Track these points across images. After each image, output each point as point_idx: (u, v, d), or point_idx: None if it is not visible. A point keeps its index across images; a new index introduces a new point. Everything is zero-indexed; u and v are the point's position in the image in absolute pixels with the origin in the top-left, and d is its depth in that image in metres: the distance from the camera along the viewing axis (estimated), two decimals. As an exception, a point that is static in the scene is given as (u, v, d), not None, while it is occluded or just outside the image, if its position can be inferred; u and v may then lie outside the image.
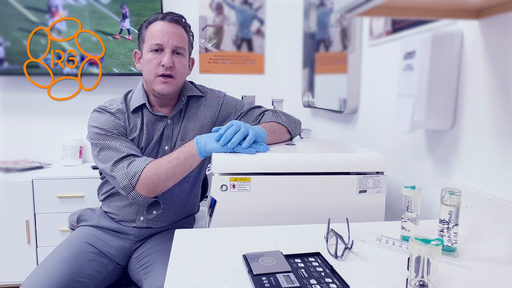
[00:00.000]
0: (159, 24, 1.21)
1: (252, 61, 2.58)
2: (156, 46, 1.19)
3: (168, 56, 1.19)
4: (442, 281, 0.62)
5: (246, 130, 1.05)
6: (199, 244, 0.77)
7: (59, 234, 2.10)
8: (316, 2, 1.91)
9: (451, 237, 0.72)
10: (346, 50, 1.49)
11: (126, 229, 1.28)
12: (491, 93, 0.79)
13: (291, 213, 0.98)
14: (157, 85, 1.21)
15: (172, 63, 1.20)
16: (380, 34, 1.26)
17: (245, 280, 0.62)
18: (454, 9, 0.80)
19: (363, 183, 0.99)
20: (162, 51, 1.20)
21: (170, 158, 1.13)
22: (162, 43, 1.19)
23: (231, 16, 2.52)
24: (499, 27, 0.77)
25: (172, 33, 1.21)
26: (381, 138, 1.27)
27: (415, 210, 0.77)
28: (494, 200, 0.76)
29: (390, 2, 0.71)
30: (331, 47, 1.69)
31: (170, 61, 1.19)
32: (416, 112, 0.89)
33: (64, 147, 2.36)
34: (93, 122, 1.22)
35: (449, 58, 0.87)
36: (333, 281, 0.61)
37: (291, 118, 1.34)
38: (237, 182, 0.96)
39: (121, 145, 1.18)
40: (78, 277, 1.10)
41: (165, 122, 1.28)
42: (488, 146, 0.81)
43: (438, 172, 0.98)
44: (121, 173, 1.13)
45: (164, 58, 1.19)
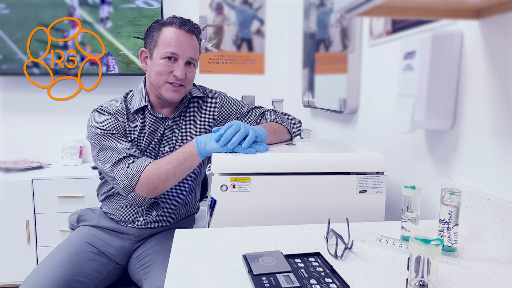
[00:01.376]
0: (176, 32, 1.19)
1: (252, 61, 2.58)
2: (171, 54, 1.19)
3: (182, 69, 1.19)
4: (442, 281, 0.62)
5: (246, 130, 1.05)
6: (199, 244, 0.77)
7: (59, 234, 2.10)
8: (316, 2, 1.91)
9: (451, 237, 0.72)
10: (346, 50, 1.49)
11: (126, 229, 1.28)
12: (491, 93, 0.79)
13: (291, 213, 0.98)
14: (166, 92, 1.21)
15: (184, 75, 1.20)
16: (380, 34, 1.26)
17: (245, 280, 0.62)
18: (454, 9, 0.80)
19: (363, 183, 0.99)
20: (176, 61, 1.20)
21: (170, 159, 1.13)
22: (178, 53, 1.19)
23: (231, 16, 2.52)
24: (499, 27, 0.77)
25: (188, 44, 1.20)
26: (381, 138, 1.27)
27: (415, 210, 0.77)
28: (494, 200, 0.76)
29: (390, 2, 0.71)
30: (331, 47, 1.69)
31: (183, 73, 1.19)
32: (416, 112, 0.89)
33: (64, 147, 2.36)
34: (92, 123, 1.22)
35: (449, 58, 0.87)
36: (333, 281, 0.61)
37: (292, 118, 1.34)
38: (237, 182, 0.96)
39: (121, 146, 1.18)
40: (78, 276, 1.10)
41: (165, 123, 1.27)
42: (488, 146, 0.81)
43: (438, 172, 0.98)
44: (121, 174, 1.13)
45: (178, 70, 1.19)
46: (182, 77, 1.19)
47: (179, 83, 1.20)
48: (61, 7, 2.22)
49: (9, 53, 2.21)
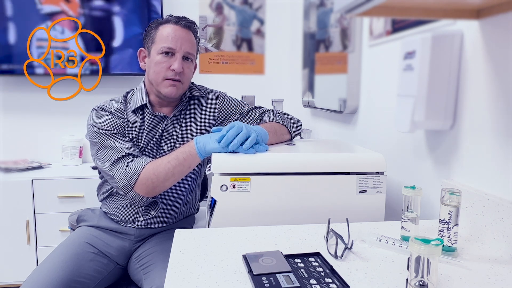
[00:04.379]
0: (172, 28, 1.21)
1: (252, 61, 2.58)
2: (168, 49, 1.19)
3: (179, 62, 1.20)
4: (442, 281, 0.62)
5: (248, 132, 1.05)
6: (199, 244, 0.77)
7: (59, 234, 2.10)
8: (316, 2, 1.91)
9: (451, 237, 0.72)
10: (346, 50, 1.49)
11: (126, 229, 1.28)
12: (491, 93, 0.79)
13: (291, 213, 0.98)
14: (164, 88, 1.21)
15: (182, 69, 1.20)
16: (380, 34, 1.26)
17: (245, 280, 0.62)
18: (454, 9, 0.80)
19: (363, 183, 0.99)
20: (173, 55, 1.20)
21: (169, 159, 1.13)
22: (174, 48, 1.19)
23: (231, 16, 2.52)
24: (499, 27, 0.77)
25: (184, 39, 1.21)
26: (381, 138, 1.27)
27: (415, 210, 0.77)
28: (494, 200, 0.76)
29: (390, 2, 0.71)
30: (331, 47, 1.69)
31: (180, 66, 1.20)
32: (416, 112, 0.89)
33: (64, 147, 2.36)
34: (92, 121, 1.22)
35: (449, 58, 0.87)
36: (333, 281, 0.61)
37: (292, 118, 1.34)
38: (237, 182, 0.96)
39: (120, 145, 1.18)
40: (78, 277, 1.10)
41: (165, 122, 1.28)
42: (488, 146, 0.81)
43: (438, 172, 0.98)
44: (119, 173, 1.13)
45: (175, 63, 1.19)
46: (180, 70, 1.19)
47: (176, 78, 1.20)
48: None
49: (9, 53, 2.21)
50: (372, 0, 0.65)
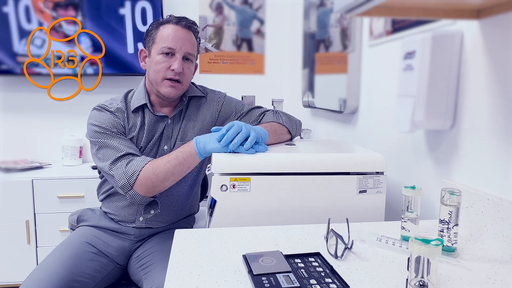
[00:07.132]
0: (173, 28, 1.21)
1: (252, 61, 2.58)
2: (168, 49, 1.19)
3: (179, 62, 1.20)
4: (442, 281, 0.62)
5: (248, 131, 1.05)
6: (199, 244, 0.77)
7: (59, 234, 2.10)
8: (316, 2, 1.91)
9: (451, 237, 0.72)
10: (346, 50, 1.49)
11: (126, 229, 1.28)
12: (491, 93, 0.79)
13: (291, 213, 0.98)
14: (164, 88, 1.21)
15: (182, 69, 1.20)
16: (380, 34, 1.26)
17: (245, 280, 0.62)
18: (454, 9, 0.80)
19: (363, 183, 0.99)
20: (173, 56, 1.20)
21: (169, 158, 1.13)
22: (174, 48, 1.19)
23: (231, 16, 2.52)
24: (499, 27, 0.77)
25: (185, 39, 1.21)
26: (381, 138, 1.27)
27: (415, 210, 0.77)
28: (494, 200, 0.76)
29: (390, 2, 0.71)
30: (331, 47, 1.69)
31: (180, 66, 1.20)
32: (416, 112, 0.89)
33: (64, 147, 2.36)
34: (92, 120, 1.23)
35: (449, 58, 0.87)
36: (333, 281, 0.61)
37: (292, 118, 1.34)
38: (237, 182, 0.96)
39: (120, 144, 1.18)
40: (78, 277, 1.11)
41: (165, 122, 1.28)
42: (488, 146, 0.81)
43: (438, 172, 0.98)
44: (119, 172, 1.13)
45: (175, 63, 1.19)
46: (180, 70, 1.19)
47: (176, 78, 1.20)
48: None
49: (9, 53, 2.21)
50: (372, 0, 0.65)
